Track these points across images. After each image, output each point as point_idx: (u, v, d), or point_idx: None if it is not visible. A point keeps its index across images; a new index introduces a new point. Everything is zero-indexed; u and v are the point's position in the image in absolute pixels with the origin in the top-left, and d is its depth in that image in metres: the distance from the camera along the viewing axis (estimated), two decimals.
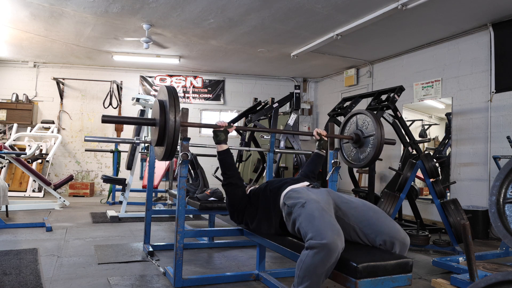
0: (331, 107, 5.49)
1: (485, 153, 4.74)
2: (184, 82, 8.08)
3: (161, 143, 2.28)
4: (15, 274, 2.61)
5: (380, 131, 2.63)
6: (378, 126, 2.65)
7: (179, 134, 2.19)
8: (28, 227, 4.26)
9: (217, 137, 2.46)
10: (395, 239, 1.93)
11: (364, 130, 2.78)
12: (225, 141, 2.47)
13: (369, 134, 2.72)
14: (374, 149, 2.66)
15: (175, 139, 2.18)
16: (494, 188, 1.71)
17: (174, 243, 2.51)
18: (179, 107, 2.21)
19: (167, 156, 2.25)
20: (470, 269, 2.26)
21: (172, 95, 2.22)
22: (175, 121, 2.16)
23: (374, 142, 2.67)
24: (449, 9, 4.34)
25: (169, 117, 2.16)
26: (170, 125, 2.15)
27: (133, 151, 5.47)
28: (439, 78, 5.41)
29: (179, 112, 2.18)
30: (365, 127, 2.78)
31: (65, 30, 5.59)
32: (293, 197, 2.13)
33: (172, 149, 2.21)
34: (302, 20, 4.85)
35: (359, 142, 2.80)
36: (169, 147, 2.19)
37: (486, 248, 3.98)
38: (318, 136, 2.78)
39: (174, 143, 2.18)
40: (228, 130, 2.48)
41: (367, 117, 2.78)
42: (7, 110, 7.27)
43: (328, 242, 1.72)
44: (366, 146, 2.75)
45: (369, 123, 2.75)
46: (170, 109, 2.17)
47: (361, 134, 2.79)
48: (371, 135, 2.70)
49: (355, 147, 2.86)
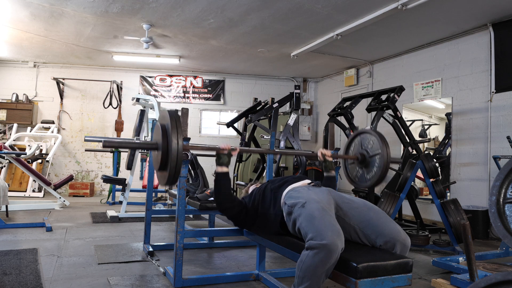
0: (331, 107, 5.49)
1: (485, 153, 4.74)
2: (184, 82, 8.08)
3: (164, 167, 2.20)
4: (15, 274, 2.61)
5: (385, 150, 2.55)
6: (384, 144, 2.56)
7: (182, 158, 2.12)
8: (28, 227, 4.26)
9: (220, 159, 2.41)
10: (396, 240, 1.93)
11: (369, 150, 2.71)
12: (227, 164, 2.43)
13: (374, 153, 2.65)
14: (380, 168, 2.58)
15: (179, 164, 2.10)
16: (494, 188, 1.71)
17: (174, 243, 2.51)
18: (182, 131, 2.15)
19: (170, 181, 2.17)
20: (470, 269, 2.26)
21: (174, 119, 2.15)
22: (178, 145, 2.09)
23: (380, 162, 2.59)
24: (449, 9, 4.34)
25: (171, 141, 2.09)
26: (173, 150, 2.08)
27: (133, 151, 5.47)
28: (439, 78, 5.41)
29: (181, 136, 2.11)
30: (370, 146, 2.71)
31: (65, 30, 5.59)
32: (293, 196, 2.13)
33: (175, 174, 2.13)
34: (302, 20, 4.85)
35: (364, 162, 2.71)
36: (172, 172, 2.11)
37: (486, 248, 3.98)
38: (322, 157, 2.65)
39: (177, 168, 2.11)
40: (231, 154, 2.43)
41: (371, 137, 2.71)
42: (7, 110, 7.27)
43: (328, 242, 1.72)
44: (372, 166, 2.66)
45: (373, 142, 2.68)
46: (172, 133, 2.10)
47: (366, 154, 2.71)
48: (377, 154, 2.63)
49: (361, 167, 2.78)
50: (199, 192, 3.79)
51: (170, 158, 2.10)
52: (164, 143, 2.16)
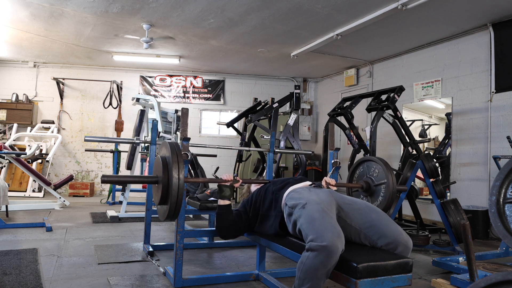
0: (331, 107, 5.49)
1: (485, 153, 4.74)
2: (184, 82, 8.08)
3: (164, 201, 2.18)
4: (15, 274, 2.61)
5: (391, 179, 2.52)
6: (389, 173, 2.55)
7: (183, 193, 2.09)
8: (28, 227, 4.26)
9: (222, 192, 2.38)
10: (398, 242, 1.92)
11: (374, 178, 2.68)
12: (229, 197, 2.39)
13: (379, 182, 2.62)
14: (386, 198, 2.56)
15: (180, 198, 2.07)
16: (494, 188, 1.71)
17: (174, 243, 2.51)
18: (183, 164, 2.11)
19: (171, 216, 2.14)
20: (470, 269, 2.26)
21: (175, 151, 2.12)
22: (179, 180, 2.05)
23: (385, 191, 2.57)
24: (449, 9, 4.34)
25: (172, 175, 2.06)
26: (174, 184, 2.05)
27: (133, 151, 5.47)
28: (439, 78, 5.41)
29: (182, 170, 2.08)
30: (375, 174, 2.69)
31: (65, 30, 5.59)
32: (294, 197, 2.12)
33: (176, 209, 2.09)
34: (302, 20, 4.85)
35: (369, 191, 2.69)
36: (173, 206, 2.08)
37: (486, 248, 3.97)
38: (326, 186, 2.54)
39: (178, 202, 2.07)
40: (234, 186, 2.40)
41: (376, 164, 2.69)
42: (7, 110, 7.27)
43: (329, 244, 1.71)
44: (377, 195, 2.64)
45: (379, 171, 2.66)
46: (173, 167, 2.06)
47: (371, 182, 2.69)
48: (382, 184, 2.60)
49: (366, 196, 2.76)
50: (199, 192, 3.80)
51: (171, 193, 2.06)
52: (165, 177, 2.12)
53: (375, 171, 2.70)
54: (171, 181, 2.06)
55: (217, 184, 2.41)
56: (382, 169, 2.61)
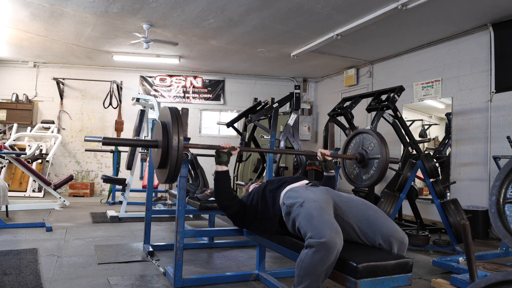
0: (331, 107, 5.49)
1: (485, 153, 4.74)
2: (184, 82, 8.08)
3: (163, 165, 2.20)
4: (15, 274, 2.61)
5: (385, 154, 2.55)
6: (384, 148, 2.57)
7: (182, 156, 2.12)
8: (28, 227, 4.26)
9: (220, 157, 2.42)
10: (394, 238, 1.93)
11: (368, 151, 2.70)
12: (226, 163, 2.44)
13: (374, 156, 2.65)
14: (378, 171, 2.58)
15: (179, 162, 2.10)
16: (494, 188, 1.71)
17: (174, 243, 2.51)
18: (182, 128, 2.14)
19: (170, 179, 2.17)
20: (470, 269, 2.26)
21: (175, 115, 2.14)
22: (179, 143, 2.08)
23: (378, 165, 2.59)
24: (449, 9, 4.34)
25: (172, 138, 2.08)
26: (173, 147, 2.07)
27: (133, 151, 5.47)
28: (439, 78, 5.41)
29: (182, 133, 2.10)
30: (370, 148, 2.71)
31: (65, 30, 5.59)
32: (292, 196, 2.13)
33: (175, 172, 2.13)
34: (302, 20, 4.85)
35: (363, 162, 2.72)
36: (172, 169, 2.11)
37: (486, 248, 3.97)
38: (322, 157, 2.66)
39: (177, 165, 2.10)
40: (231, 152, 2.44)
41: (373, 138, 2.70)
42: (7, 110, 7.27)
43: (327, 240, 1.72)
44: (370, 168, 2.67)
45: (374, 145, 2.68)
46: (173, 130, 2.09)
47: (365, 154, 2.71)
48: (376, 158, 2.62)
49: (358, 167, 2.78)
50: (199, 192, 3.79)
51: (170, 155, 2.09)
52: (165, 140, 2.15)
53: (370, 145, 2.72)
54: (170, 143, 2.10)
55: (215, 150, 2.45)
56: (377, 142, 2.63)
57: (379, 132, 2.75)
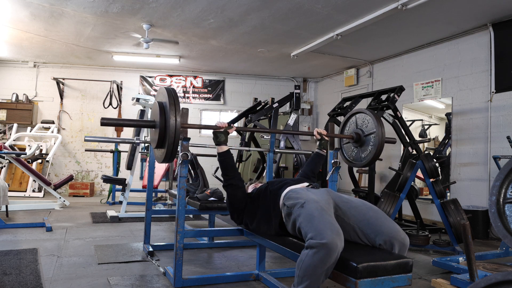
0: (331, 107, 5.49)
1: (485, 153, 4.74)
2: (184, 82, 8.08)
3: (161, 145, 2.25)
4: (15, 274, 2.61)
5: (380, 129, 2.63)
6: (378, 123, 2.64)
7: (179, 135, 2.16)
8: (28, 227, 4.26)
9: (217, 138, 2.45)
10: (395, 239, 1.93)
11: (364, 129, 2.77)
12: (225, 142, 2.46)
13: (369, 132, 2.72)
14: (375, 147, 2.66)
15: (176, 141, 2.15)
16: (494, 188, 1.71)
17: (174, 243, 2.51)
18: (179, 108, 2.18)
19: (168, 158, 2.22)
20: (470, 269, 2.26)
21: (172, 96, 2.19)
22: (176, 122, 2.12)
23: (375, 140, 2.66)
24: (449, 9, 4.34)
25: (169, 118, 2.13)
26: (171, 127, 2.12)
27: (133, 151, 5.47)
28: (439, 78, 5.41)
29: (179, 113, 2.15)
30: (365, 125, 2.78)
31: (65, 30, 5.59)
32: (292, 197, 2.13)
33: (173, 151, 2.18)
34: (302, 20, 4.85)
35: (359, 141, 2.79)
36: (169, 149, 2.16)
37: (486, 248, 3.97)
38: (318, 135, 2.78)
39: (174, 144, 2.16)
40: (228, 131, 2.46)
41: (366, 116, 2.77)
42: (7, 110, 7.27)
43: (328, 241, 1.72)
44: (367, 145, 2.74)
45: (369, 122, 2.75)
46: (170, 110, 2.13)
47: (361, 133, 2.78)
48: (372, 133, 2.69)
49: (356, 147, 2.85)
50: (199, 192, 3.79)
51: (168, 134, 2.14)
52: (162, 120, 2.19)
53: (364, 122, 2.78)
54: (168, 124, 2.13)
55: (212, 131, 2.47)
56: (371, 119, 2.67)
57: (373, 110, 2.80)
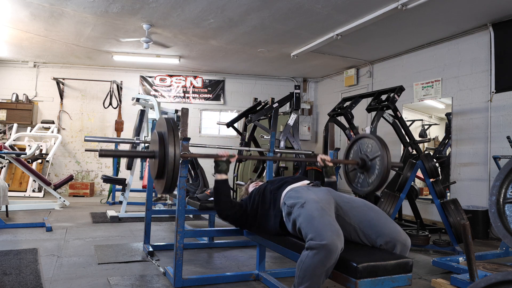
0: (331, 107, 5.49)
1: (485, 153, 4.74)
2: (184, 82, 8.08)
3: (161, 175, 2.21)
4: (15, 274, 2.61)
5: (385, 151, 2.54)
6: (383, 146, 2.56)
7: (179, 167, 2.11)
8: (28, 227, 4.26)
9: (219, 166, 2.42)
10: (397, 240, 1.93)
11: (368, 154, 2.70)
12: (226, 171, 2.43)
13: (374, 156, 2.64)
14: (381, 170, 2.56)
15: (176, 172, 2.11)
16: (494, 188, 1.71)
17: (174, 243, 2.51)
18: (179, 139, 2.14)
19: (167, 189, 2.17)
20: (470, 269, 2.26)
21: (171, 127, 2.15)
22: (175, 154, 2.09)
23: (380, 164, 2.57)
24: (449, 9, 4.34)
25: (168, 149, 2.09)
26: (170, 158, 2.08)
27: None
28: (439, 78, 5.41)
29: (178, 144, 2.11)
30: (369, 150, 2.70)
31: (65, 30, 5.59)
32: (292, 197, 2.13)
33: (172, 183, 2.13)
34: (302, 20, 4.85)
35: (365, 167, 2.70)
36: (169, 181, 2.12)
37: (486, 248, 3.98)
38: (322, 162, 2.60)
39: (174, 176, 2.11)
40: (230, 160, 2.43)
41: (370, 140, 2.70)
42: (7, 110, 7.27)
43: (328, 243, 1.72)
44: (374, 169, 2.65)
45: (372, 146, 2.67)
46: (169, 141, 2.10)
47: (366, 158, 2.70)
48: (377, 157, 2.61)
49: (362, 173, 2.76)
50: (199, 192, 3.79)
51: (167, 166, 2.09)
52: (161, 151, 2.15)
53: (369, 147, 2.72)
54: (167, 155, 2.10)
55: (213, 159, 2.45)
56: (376, 144, 2.62)
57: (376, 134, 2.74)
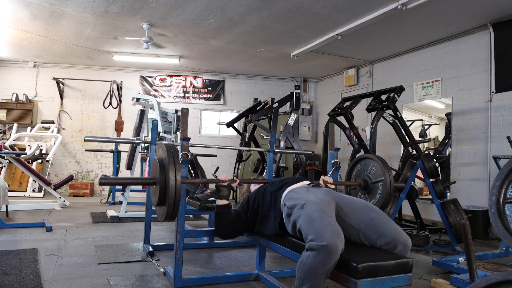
0: (331, 107, 5.49)
1: (485, 153, 4.74)
2: (184, 82, 8.08)
3: (162, 203, 2.20)
4: (15, 274, 2.61)
5: (388, 176, 2.53)
6: (386, 170, 2.55)
7: (180, 193, 2.11)
8: (28, 227, 4.26)
9: (220, 192, 2.39)
10: (397, 241, 1.92)
11: (371, 175, 2.69)
12: (227, 197, 2.41)
13: (377, 180, 2.63)
14: (383, 195, 2.56)
15: (177, 199, 2.09)
16: (494, 188, 1.71)
17: (174, 243, 2.51)
18: (179, 165, 2.13)
19: (169, 217, 2.15)
20: (470, 269, 2.26)
21: (172, 153, 2.14)
22: (176, 181, 2.08)
23: (383, 189, 2.57)
24: (449, 9, 4.34)
25: (169, 176, 2.08)
26: (171, 185, 2.07)
27: (133, 151, 5.47)
28: (439, 78, 5.41)
29: (179, 171, 2.10)
30: (372, 172, 2.69)
31: (65, 30, 5.59)
32: (292, 198, 2.13)
33: (174, 209, 2.11)
34: (302, 20, 4.85)
35: (367, 188, 2.69)
36: (170, 207, 2.10)
37: (486, 248, 3.97)
38: (324, 184, 2.53)
39: (175, 203, 2.09)
40: (231, 185, 2.41)
41: (374, 162, 2.69)
42: (7, 110, 7.27)
43: (328, 243, 1.72)
44: (375, 193, 2.65)
45: (376, 169, 2.67)
46: (170, 168, 2.09)
47: (368, 180, 2.69)
48: (380, 181, 2.61)
49: (363, 193, 2.76)
50: (199, 192, 3.80)
51: (168, 195, 2.08)
52: (162, 178, 2.14)
53: (372, 169, 2.70)
54: (168, 182, 2.08)
55: (215, 184, 2.42)
56: (379, 166, 2.61)
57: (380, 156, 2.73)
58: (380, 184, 2.60)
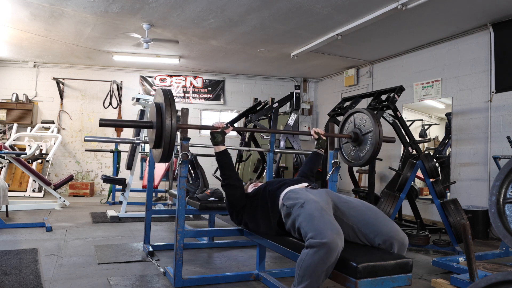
0: (331, 107, 5.49)
1: (485, 153, 4.74)
2: (184, 82, 8.08)
3: (158, 145, 2.29)
4: (15, 274, 2.61)
5: (378, 127, 2.66)
6: (376, 122, 2.67)
7: (175, 135, 2.21)
8: (28, 227, 4.26)
9: (214, 138, 2.48)
10: (394, 239, 1.93)
11: (362, 128, 2.80)
12: (222, 142, 2.49)
13: (367, 131, 2.75)
14: (373, 145, 2.69)
15: (172, 141, 2.20)
16: (494, 188, 1.70)
17: (174, 243, 2.51)
18: (175, 108, 2.22)
19: (164, 158, 2.27)
20: (470, 269, 2.26)
21: (168, 97, 2.23)
22: (171, 123, 2.17)
23: (372, 139, 2.69)
24: (449, 9, 4.34)
25: (165, 119, 2.17)
26: (167, 127, 2.17)
27: (133, 151, 5.47)
28: (439, 78, 5.41)
29: (175, 114, 2.19)
30: (363, 125, 2.81)
31: (65, 30, 5.59)
32: (292, 197, 2.13)
33: (169, 151, 2.22)
34: (302, 20, 4.85)
35: (358, 140, 2.82)
36: (166, 149, 2.21)
37: (486, 248, 3.97)
38: (316, 135, 2.80)
39: (171, 145, 2.20)
40: (225, 131, 2.49)
41: (364, 115, 2.80)
42: (7, 110, 7.27)
43: (328, 241, 1.72)
44: (365, 144, 2.77)
45: (366, 121, 2.78)
46: (166, 111, 2.18)
47: (359, 132, 2.81)
48: (369, 132, 2.72)
49: (354, 146, 2.88)
50: (199, 192, 3.80)
51: (164, 135, 2.18)
52: (158, 121, 2.23)
53: (362, 122, 2.83)
54: (164, 124, 2.19)
55: (209, 131, 2.50)
56: (369, 119, 2.71)
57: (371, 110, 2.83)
58: (370, 135, 2.73)
